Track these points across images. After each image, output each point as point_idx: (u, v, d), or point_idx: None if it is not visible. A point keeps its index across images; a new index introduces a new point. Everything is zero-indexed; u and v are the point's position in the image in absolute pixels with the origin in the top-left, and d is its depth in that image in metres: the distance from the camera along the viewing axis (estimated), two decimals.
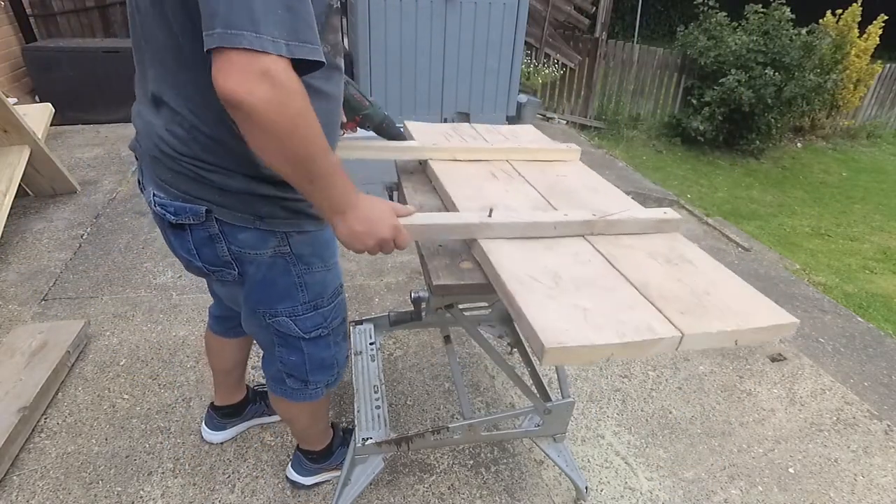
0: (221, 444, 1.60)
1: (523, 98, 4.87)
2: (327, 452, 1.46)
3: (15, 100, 3.65)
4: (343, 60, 0.99)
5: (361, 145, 1.35)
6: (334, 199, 0.84)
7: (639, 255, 1.04)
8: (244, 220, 0.93)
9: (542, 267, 0.98)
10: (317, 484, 1.48)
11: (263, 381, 1.60)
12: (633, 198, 1.30)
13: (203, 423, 1.60)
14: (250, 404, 1.62)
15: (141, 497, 1.44)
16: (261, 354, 1.25)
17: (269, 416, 1.66)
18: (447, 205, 1.23)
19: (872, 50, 6.99)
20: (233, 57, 0.66)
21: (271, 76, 0.67)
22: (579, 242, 1.08)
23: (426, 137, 1.53)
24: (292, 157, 0.75)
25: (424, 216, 1.04)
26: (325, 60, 0.74)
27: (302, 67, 0.72)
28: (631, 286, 0.94)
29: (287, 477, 1.49)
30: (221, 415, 1.57)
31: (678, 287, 0.94)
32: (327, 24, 0.86)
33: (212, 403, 1.58)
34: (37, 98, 4.19)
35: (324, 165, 0.79)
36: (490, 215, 1.06)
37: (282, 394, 1.22)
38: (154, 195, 0.94)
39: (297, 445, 1.46)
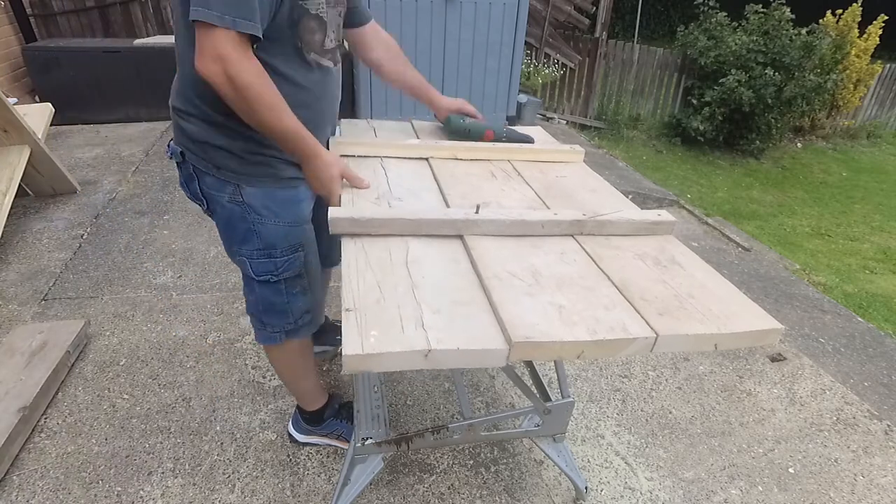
0: (222, 444, 1.60)
1: (523, 98, 4.87)
2: (318, 417, 1.56)
3: (15, 100, 3.65)
4: (331, 60, 1.17)
5: (367, 142, 1.40)
6: (299, 146, 1.07)
7: (626, 256, 1.04)
8: (206, 168, 1.13)
9: (525, 265, 0.98)
10: (309, 444, 1.60)
11: None
12: (632, 198, 1.30)
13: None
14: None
15: (141, 497, 1.44)
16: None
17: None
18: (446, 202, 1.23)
19: (872, 50, 6.99)
20: (200, 34, 0.91)
21: (223, 57, 0.91)
22: (567, 242, 1.08)
23: (431, 136, 1.54)
24: (250, 118, 1.00)
25: (412, 211, 1.07)
26: (259, 35, 0.94)
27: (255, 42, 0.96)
28: (612, 286, 0.93)
29: (287, 430, 1.63)
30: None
31: (661, 289, 0.94)
32: (301, 24, 1.04)
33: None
34: (37, 98, 4.19)
35: (279, 128, 1.02)
36: (477, 212, 1.06)
37: (254, 332, 1.39)
38: (171, 139, 1.19)
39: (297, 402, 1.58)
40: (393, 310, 0.83)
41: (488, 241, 1.05)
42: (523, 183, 1.33)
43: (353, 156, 1.36)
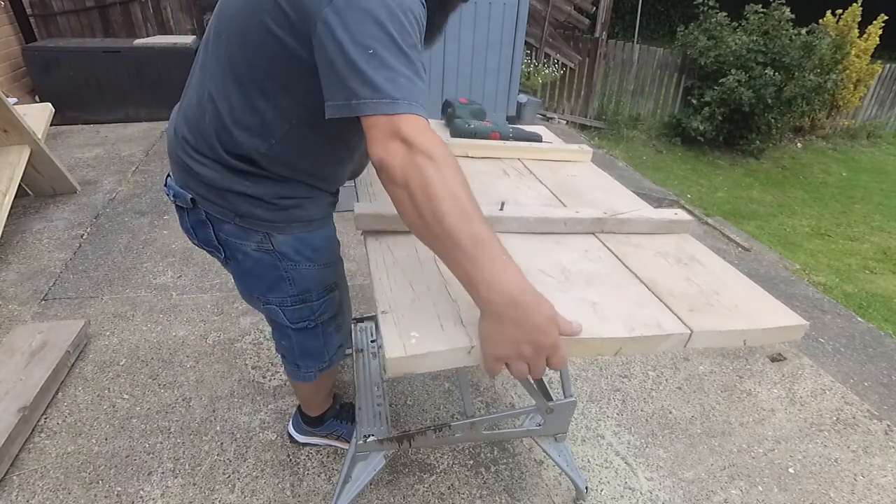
0: (222, 444, 1.60)
1: (523, 98, 4.87)
2: (319, 420, 1.55)
3: (15, 100, 3.64)
4: None
5: None
6: (477, 282, 0.68)
7: (648, 254, 1.05)
8: (224, 215, 0.99)
9: (552, 262, 0.98)
10: (308, 444, 1.60)
11: None
12: None
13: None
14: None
15: (141, 497, 1.44)
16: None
17: None
18: None
19: (872, 50, 7.00)
20: (371, 120, 0.74)
21: (408, 139, 0.71)
22: (589, 239, 1.08)
23: (442, 134, 1.56)
24: (422, 215, 0.71)
25: None
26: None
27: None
28: (640, 283, 0.94)
29: (287, 430, 1.63)
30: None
31: (687, 286, 0.95)
32: None
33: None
34: (37, 98, 4.19)
35: (466, 234, 0.68)
36: (501, 209, 1.07)
37: (285, 369, 1.33)
38: (168, 176, 1.06)
39: (299, 404, 1.57)
40: (429, 308, 0.81)
41: (513, 237, 1.04)
42: (536, 181, 1.34)
43: None
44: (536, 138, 1.56)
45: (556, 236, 1.08)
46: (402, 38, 0.74)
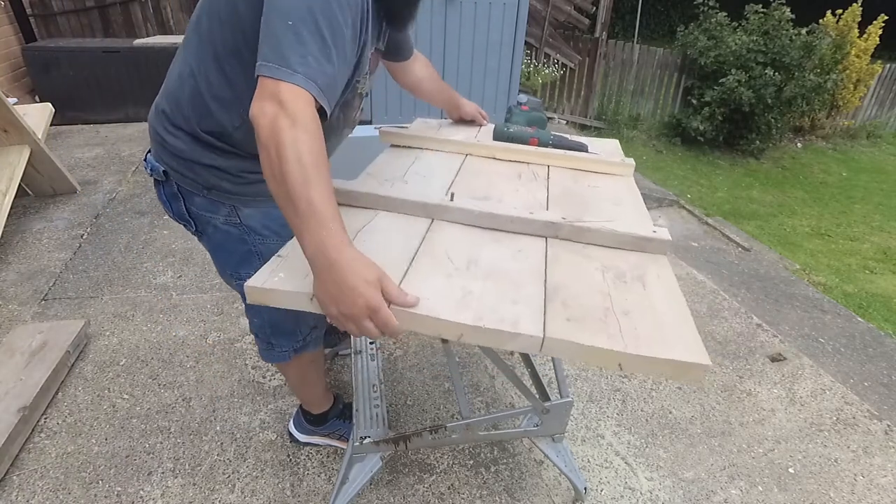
0: (222, 444, 1.60)
1: (523, 98, 4.87)
2: (321, 419, 1.55)
3: (15, 100, 3.64)
4: (350, 130, 1.18)
5: (410, 135, 1.52)
6: (305, 243, 0.77)
7: (589, 266, 0.99)
8: (194, 188, 1.05)
9: (470, 253, 0.98)
10: (309, 444, 1.59)
11: None
12: None
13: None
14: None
15: (141, 497, 1.44)
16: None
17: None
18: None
19: (872, 50, 7.00)
20: (267, 81, 0.79)
21: (283, 103, 0.77)
22: (534, 242, 1.05)
23: (484, 136, 1.57)
24: (272, 173, 0.77)
25: (387, 189, 1.13)
26: (327, 114, 0.85)
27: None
28: (541, 286, 0.91)
29: (287, 429, 1.61)
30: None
31: (597, 300, 0.89)
32: (346, 103, 1.04)
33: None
34: (37, 98, 4.19)
35: (302, 197, 0.74)
36: (452, 199, 1.08)
37: (259, 350, 1.34)
38: (148, 151, 1.12)
39: (301, 403, 1.56)
40: None
41: (455, 227, 1.07)
42: (543, 187, 1.30)
43: (399, 146, 1.50)
44: (581, 148, 1.50)
45: (499, 233, 1.06)
46: (326, 21, 0.80)
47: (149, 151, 1.11)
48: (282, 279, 0.85)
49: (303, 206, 0.74)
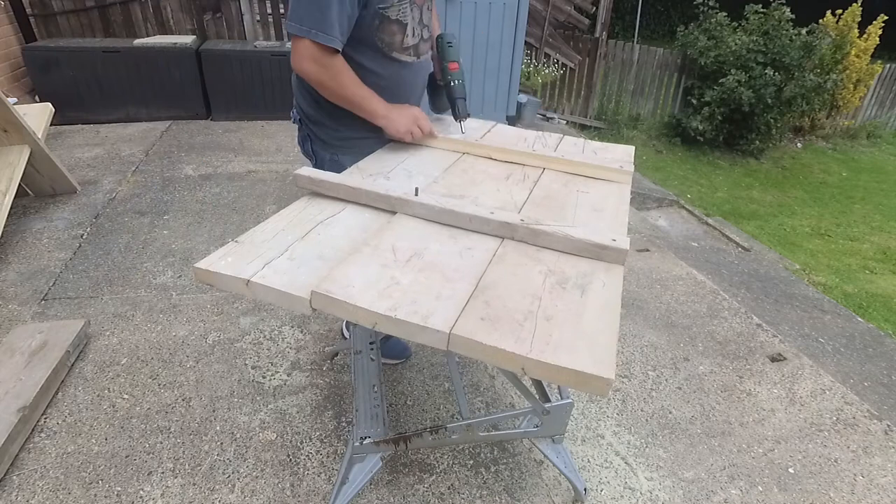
0: (221, 444, 1.60)
1: (523, 98, 4.87)
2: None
3: (15, 100, 3.65)
4: (413, 55, 1.39)
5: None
6: (370, 115, 1.35)
7: (532, 269, 0.98)
8: (313, 135, 1.44)
9: (417, 246, 1.01)
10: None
11: None
12: (632, 198, 1.28)
13: None
14: None
15: (141, 497, 1.44)
16: None
17: None
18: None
19: (872, 50, 7.00)
20: (292, 40, 1.23)
21: (304, 58, 1.23)
22: (487, 241, 1.05)
23: (496, 138, 1.59)
24: (329, 95, 1.31)
25: (356, 181, 1.18)
26: (336, 46, 1.21)
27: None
28: (473, 284, 0.91)
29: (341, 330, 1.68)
30: None
31: (525, 304, 0.88)
32: (382, 28, 1.28)
33: None
34: (37, 98, 4.19)
35: (355, 101, 1.31)
36: (416, 195, 1.11)
37: None
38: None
39: None
40: (263, 250, 0.98)
41: (414, 221, 1.10)
42: (527, 189, 1.30)
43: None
44: (461, 115, 1.51)
45: (457, 230, 1.08)
46: None
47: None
48: (226, 265, 0.93)
49: (357, 101, 1.31)
